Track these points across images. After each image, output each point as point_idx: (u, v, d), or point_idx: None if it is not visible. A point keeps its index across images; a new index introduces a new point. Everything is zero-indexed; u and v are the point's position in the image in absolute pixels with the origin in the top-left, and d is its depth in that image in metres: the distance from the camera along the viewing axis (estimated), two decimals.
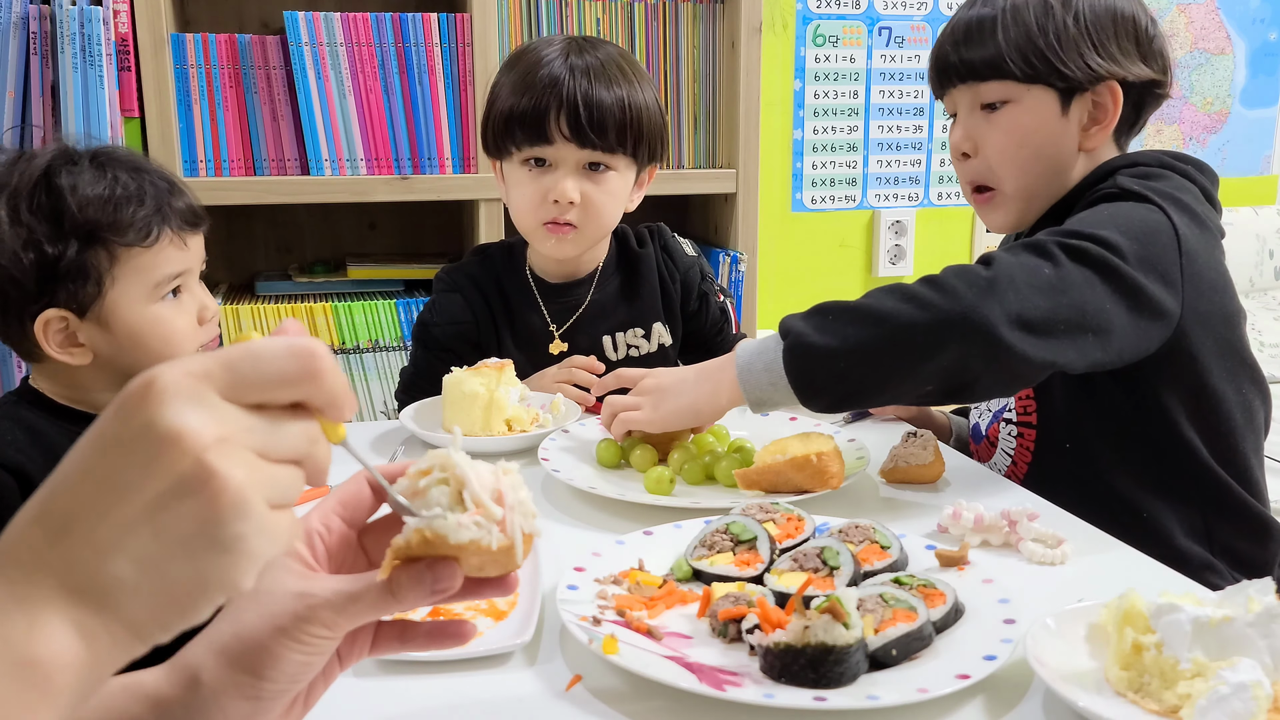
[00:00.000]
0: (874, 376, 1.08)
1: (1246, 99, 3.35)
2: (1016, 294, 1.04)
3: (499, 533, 0.55)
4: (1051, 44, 1.24)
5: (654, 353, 1.63)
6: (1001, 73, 1.26)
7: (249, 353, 0.45)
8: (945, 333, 1.03)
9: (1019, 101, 1.27)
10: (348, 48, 2.11)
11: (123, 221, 1.17)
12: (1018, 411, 1.32)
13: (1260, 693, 0.67)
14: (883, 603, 0.82)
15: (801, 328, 1.09)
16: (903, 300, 1.06)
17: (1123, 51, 1.26)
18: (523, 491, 0.57)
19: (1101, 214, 1.16)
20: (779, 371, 1.09)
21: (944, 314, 1.03)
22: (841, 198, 2.91)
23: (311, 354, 0.46)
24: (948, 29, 1.33)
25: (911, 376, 1.07)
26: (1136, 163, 1.26)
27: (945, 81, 1.34)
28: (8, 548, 0.43)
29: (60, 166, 1.17)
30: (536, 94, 1.44)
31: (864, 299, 1.09)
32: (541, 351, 1.59)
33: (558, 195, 1.45)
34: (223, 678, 0.54)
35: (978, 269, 1.07)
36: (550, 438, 1.28)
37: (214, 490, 0.42)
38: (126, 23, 1.98)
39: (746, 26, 2.28)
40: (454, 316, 1.58)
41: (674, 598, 0.89)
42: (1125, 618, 0.75)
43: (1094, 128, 1.28)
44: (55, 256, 1.14)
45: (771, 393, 1.12)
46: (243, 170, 2.13)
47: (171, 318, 1.22)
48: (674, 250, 1.67)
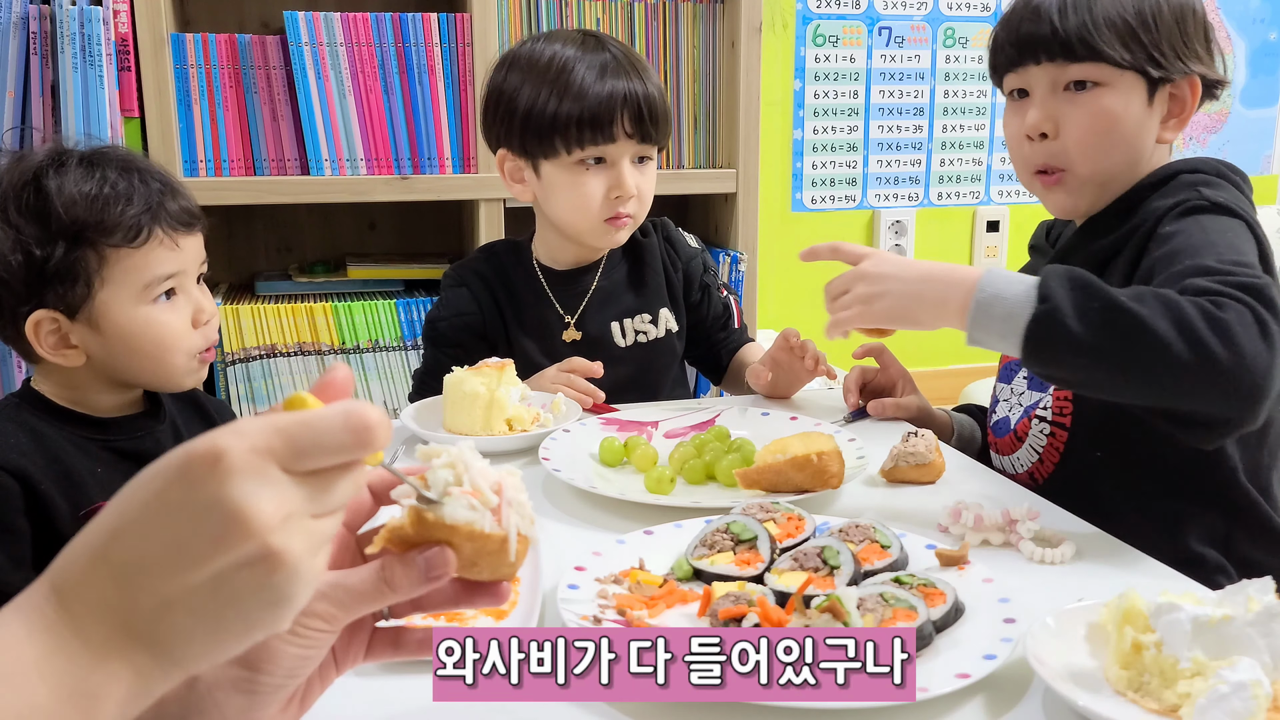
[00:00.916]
0: (1111, 386, 1.03)
1: (1246, 99, 3.35)
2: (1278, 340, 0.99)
3: (493, 521, 0.55)
4: (1150, 28, 1.21)
5: (661, 338, 1.64)
6: (1098, 55, 1.21)
7: (308, 427, 0.48)
8: (1214, 383, 0.97)
9: (1110, 85, 1.23)
10: (348, 48, 2.11)
11: (110, 222, 1.16)
12: (1053, 411, 1.29)
13: (1260, 692, 0.67)
14: (883, 602, 0.82)
15: (1061, 301, 1.00)
16: (1177, 328, 0.97)
17: (1201, 47, 1.25)
18: (523, 494, 0.58)
19: (1219, 240, 1.11)
20: (1018, 329, 1.01)
21: (1222, 368, 0.96)
22: (841, 198, 2.91)
23: (366, 427, 0.48)
24: (1032, 3, 1.25)
25: (1153, 402, 1.03)
26: (1197, 169, 1.24)
27: (1025, 57, 1.26)
28: (73, 585, 0.47)
29: (49, 167, 1.16)
30: (599, 96, 1.46)
31: (1136, 301, 0.99)
32: (554, 341, 1.60)
33: (621, 191, 1.50)
34: (219, 672, 0.54)
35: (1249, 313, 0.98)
36: (551, 437, 1.28)
37: (275, 565, 0.46)
38: (126, 23, 1.98)
39: (746, 26, 2.28)
40: (461, 310, 1.59)
41: (674, 597, 0.89)
42: (1125, 617, 0.75)
43: (1171, 120, 1.26)
44: (43, 258, 1.14)
45: (997, 341, 1.05)
46: (243, 170, 2.13)
47: (164, 320, 1.20)
48: (677, 241, 1.70)
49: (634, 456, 1.25)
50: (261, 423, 0.47)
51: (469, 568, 0.57)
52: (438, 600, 0.60)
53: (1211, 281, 1.01)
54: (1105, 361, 1.00)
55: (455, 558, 0.56)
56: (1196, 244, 1.11)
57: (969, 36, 2.93)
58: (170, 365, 1.23)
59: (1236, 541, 1.21)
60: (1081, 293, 1.00)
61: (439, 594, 0.59)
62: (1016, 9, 1.28)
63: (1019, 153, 1.32)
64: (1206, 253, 1.08)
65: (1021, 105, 1.29)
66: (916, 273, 1.11)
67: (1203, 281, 1.01)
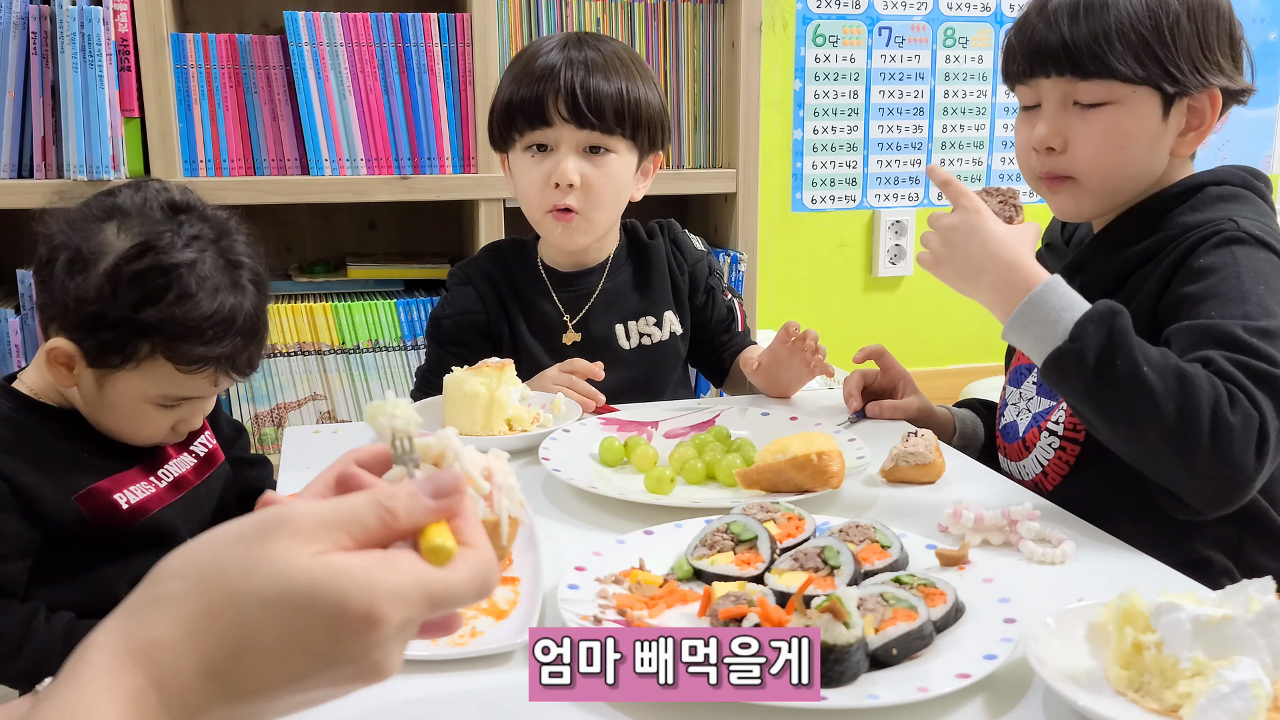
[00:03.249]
0: (1102, 434, 1.08)
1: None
2: (1275, 451, 1.01)
3: (485, 506, 0.57)
4: (1166, 43, 1.16)
5: (665, 340, 1.64)
6: (1109, 72, 1.17)
7: (455, 598, 0.51)
8: (1193, 479, 1.02)
9: (1122, 103, 1.19)
10: (348, 48, 2.11)
11: (187, 348, 1.15)
12: (1065, 426, 1.26)
13: (1260, 691, 0.67)
14: (883, 602, 0.82)
15: (1089, 347, 1.03)
16: (1179, 414, 0.99)
17: (1223, 55, 1.21)
18: (512, 478, 0.59)
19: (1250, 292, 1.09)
20: (1043, 352, 1.07)
21: (1204, 469, 1.00)
22: (841, 198, 2.91)
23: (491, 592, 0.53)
24: (1044, 10, 1.22)
25: (1135, 465, 1.07)
26: (1223, 181, 1.23)
27: (1036, 70, 1.22)
28: (181, 692, 0.47)
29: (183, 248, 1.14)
30: (535, 79, 1.48)
31: (1156, 371, 1.01)
32: (558, 341, 1.60)
33: (559, 177, 1.48)
34: None
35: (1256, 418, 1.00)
36: (551, 437, 1.28)
37: (381, 678, 0.51)
38: (126, 23, 1.98)
39: (746, 26, 2.28)
40: (466, 308, 1.60)
41: (675, 597, 0.89)
42: (1125, 617, 0.75)
43: (1189, 134, 1.22)
44: (109, 321, 1.13)
45: (1025, 348, 1.10)
46: (243, 170, 2.13)
47: (153, 416, 1.22)
48: (683, 244, 1.70)
49: (634, 456, 1.25)
50: (416, 587, 0.49)
51: None
52: None
53: (1233, 364, 1.02)
54: (1103, 414, 1.05)
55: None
56: (1229, 293, 1.09)
57: (969, 36, 2.93)
58: (137, 439, 1.25)
59: (1247, 549, 1.20)
60: (1111, 345, 1.03)
61: None
62: (1030, 13, 1.25)
63: (1026, 162, 1.30)
64: (1236, 309, 1.07)
65: (1031, 116, 1.27)
66: (987, 253, 1.13)
67: (1224, 364, 1.03)
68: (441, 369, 1.40)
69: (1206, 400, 0.99)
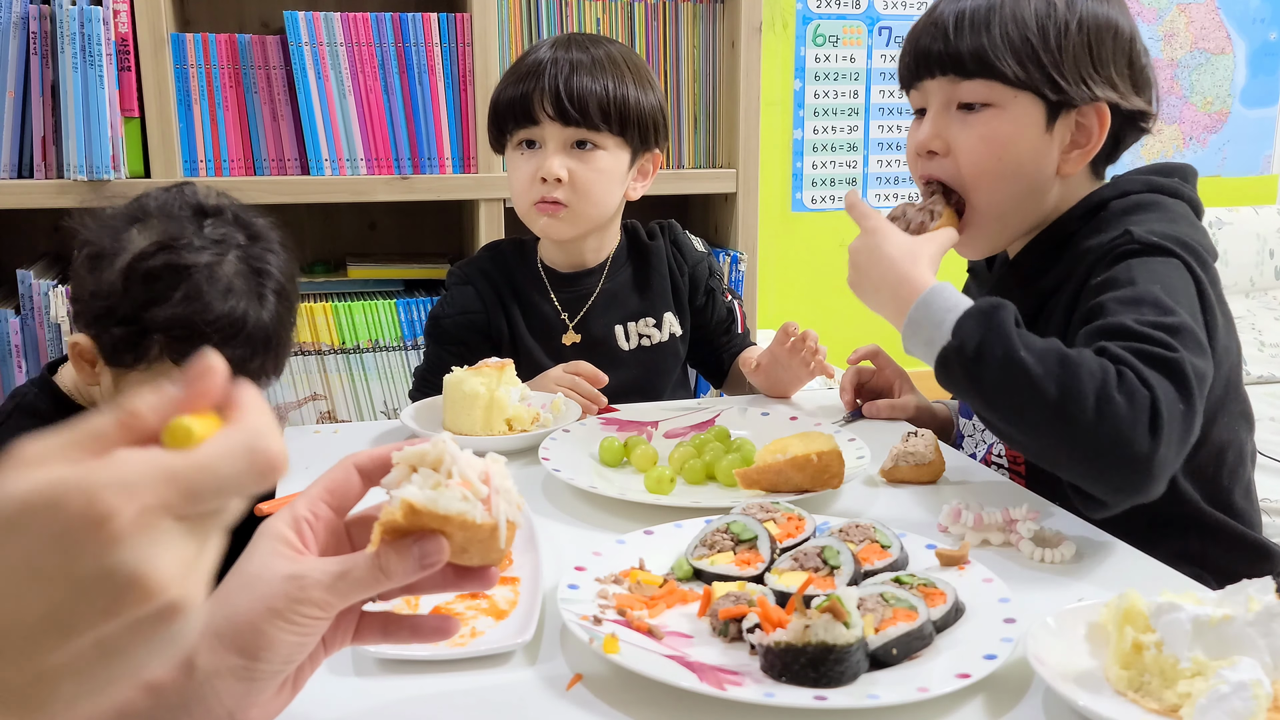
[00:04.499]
0: (1007, 438, 1.05)
1: (1246, 99, 3.35)
2: (1171, 432, 0.94)
3: (484, 511, 0.57)
4: (1051, 49, 1.14)
5: (665, 342, 1.65)
6: (990, 71, 1.15)
7: (207, 473, 0.42)
8: (1087, 462, 0.95)
9: (1002, 107, 1.17)
10: (348, 48, 2.11)
11: (188, 350, 1.15)
12: (1009, 459, 1.26)
13: (1260, 691, 0.67)
14: (883, 602, 0.82)
15: (968, 341, 0.99)
16: (1062, 396, 0.93)
17: (1119, 74, 1.17)
18: (509, 481, 0.60)
19: (1145, 293, 1.05)
20: (932, 358, 1.02)
21: (1095, 450, 0.93)
22: (841, 198, 2.91)
23: (272, 465, 0.44)
24: (932, 14, 1.21)
25: (1045, 466, 1.02)
26: (1126, 192, 1.19)
27: (921, 72, 1.21)
28: None
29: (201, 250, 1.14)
30: (522, 78, 1.52)
31: (1036, 357, 0.95)
32: (555, 342, 1.61)
33: (545, 173, 1.51)
34: (217, 661, 0.56)
35: (1147, 397, 0.94)
36: (551, 437, 1.28)
37: (174, 617, 0.41)
38: (126, 23, 1.98)
39: (746, 26, 2.28)
40: (465, 307, 1.60)
41: (674, 597, 0.89)
42: (1125, 617, 0.75)
43: (1074, 152, 1.19)
44: (119, 317, 1.13)
45: (922, 358, 1.05)
46: (243, 170, 2.13)
47: None
48: (683, 245, 1.70)
49: (634, 456, 1.25)
50: (150, 470, 0.41)
51: (460, 554, 0.60)
52: (428, 585, 0.62)
53: (1125, 349, 0.97)
54: (991, 407, 0.99)
55: (449, 546, 0.58)
56: (1124, 298, 1.06)
57: None
58: None
59: (1213, 557, 1.17)
60: (990, 337, 0.98)
61: (430, 579, 0.61)
62: (920, 22, 1.24)
63: (913, 167, 1.27)
64: (1132, 311, 1.03)
65: (920, 122, 1.25)
66: (881, 271, 1.10)
67: (1116, 350, 0.97)
68: (441, 369, 1.40)
69: (1090, 380, 0.93)
